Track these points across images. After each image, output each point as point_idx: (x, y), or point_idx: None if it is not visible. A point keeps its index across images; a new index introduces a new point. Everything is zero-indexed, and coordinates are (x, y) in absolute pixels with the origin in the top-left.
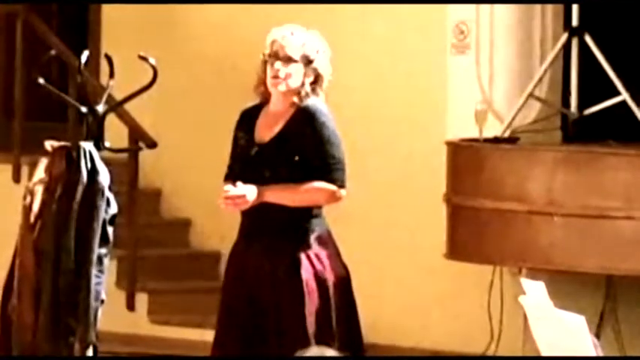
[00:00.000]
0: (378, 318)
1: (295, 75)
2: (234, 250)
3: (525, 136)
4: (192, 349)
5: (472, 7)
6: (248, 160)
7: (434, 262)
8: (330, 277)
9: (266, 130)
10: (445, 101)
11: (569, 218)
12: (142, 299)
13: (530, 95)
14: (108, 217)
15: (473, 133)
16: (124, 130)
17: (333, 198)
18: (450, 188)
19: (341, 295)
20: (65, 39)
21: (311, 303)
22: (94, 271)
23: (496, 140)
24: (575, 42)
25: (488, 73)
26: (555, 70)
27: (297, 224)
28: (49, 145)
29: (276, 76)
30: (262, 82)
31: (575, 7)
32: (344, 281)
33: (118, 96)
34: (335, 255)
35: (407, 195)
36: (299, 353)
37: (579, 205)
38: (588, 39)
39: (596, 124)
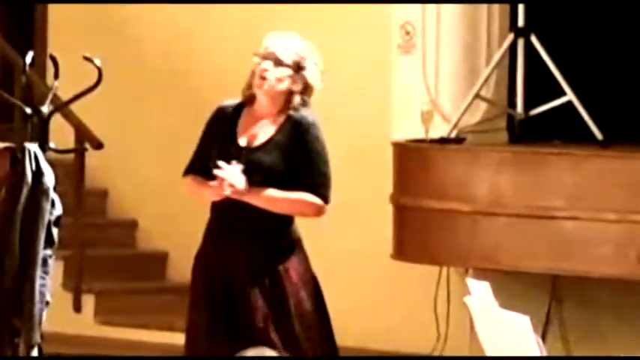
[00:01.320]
0: None
1: (283, 79)
2: (203, 253)
3: (472, 136)
4: (139, 349)
5: (418, 7)
6: (230, 162)
7: (380, 262)
8: (301, 283)
9: (252, 132)
10: (391, 101)
11: (514, 218)
12: (88, 300)
13: (477, 96)
14: (53, 218)
15: (419, 133)
16: (69, 131)
17: (318, 212)
18: (397, 189)
19: (315, 300)
20: (10, 39)
21: (282, 307)
22: (38, 272)
23: (442, 141)
24: (521, 42)
25: (434, 73)
26: (501, 71)
27: (270, 229)
28: None
29: (263, 77)
30: (249, 86)
31: (521, 8)
32: (315, 287)
33: (64, 97)
34: (305, 262)
35: (353, 196)
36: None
37: (524, 206)
38: (534, 39)
39: (542, 125)
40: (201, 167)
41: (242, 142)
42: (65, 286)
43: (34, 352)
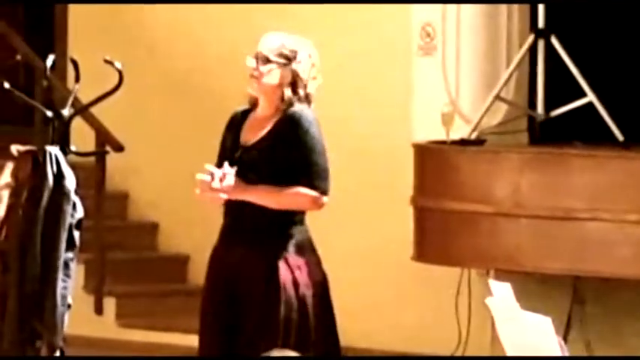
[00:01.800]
0: (345, 321)
1: (270, 74)
2: (214, 253)
3: (492, 137)
4: (160, 352)
5: (438, 8)
6: (232, 162)
7: (401, 264)
8: (307, 285)
9: (251, 133)
10: (412, 103)
11: (535, 220)
12: (109, 303)
13: (497, 97)
14: (74, 221)
15: (439, 135)
16: (90, 134)
17: (315, 204)
18: (417, 190)
19: (318, 303)
20: (31, 43)
21: (287, 309)
22: (60, 275)
23: (463, 142)
24: (541, 44)
25: (455, 74)
26: (522, 72)
27: (277, 230)
28: (15, 149)
29: (251, 76)
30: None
31: (541, 9)
32: (321, 289)
33: (85, 100)
34: (314, 263)
35: (374, 197)
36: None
37: (546, 207)
38: (554, 41)
39: (563, 126)
40: None
41: (242, 141)
42: (87, 288)
43: (56, 355)
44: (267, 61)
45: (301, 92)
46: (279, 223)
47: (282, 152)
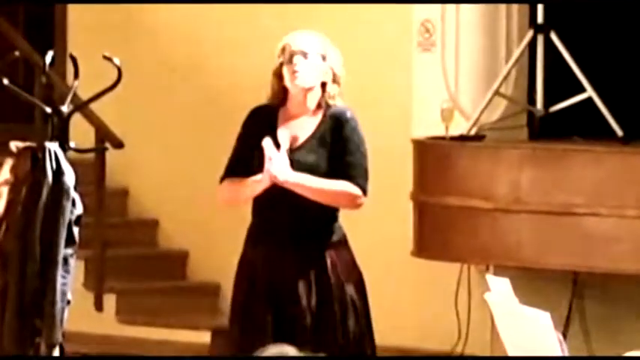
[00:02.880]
0: None
1: (314, 69)
2: (245, 256)
3: (491, 133)
4: (160, 349)
5: (437, 5)
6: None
7: (401, 260)
8: (349, 278)
9: (292, 134)
10: (411, 99)
11: (535, 215)
12: (109, 299)
13: (496, 93)
14: (74, 218)
15: (439, 130)
16: (90, 131)
17: (355, 203)
18: (417, 186)
19: (360, 296)
20: (31, 39)
21: (340, 307)
22: (59, 271)
23: (462, 138)
24: (540, 39)
25: (454, 70)
26: (521, 68)
27: (319, 227)
28: (14, 145)
29: (295, 71)
30: (276, 94)
31: (540, 5)
32: (362, 282)
33: (84, 96)
34: (352, 257)
35: (373, 193)
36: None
37: (545, 202)
38: (554, 36)
39: (562, 121)
40: (241, 170)
41: (284, 143)
42: (86, 285)
43: (56, 352)
44: (310, 58)
45: (337, 89)
46: (317, 220)
47: (331, 151)
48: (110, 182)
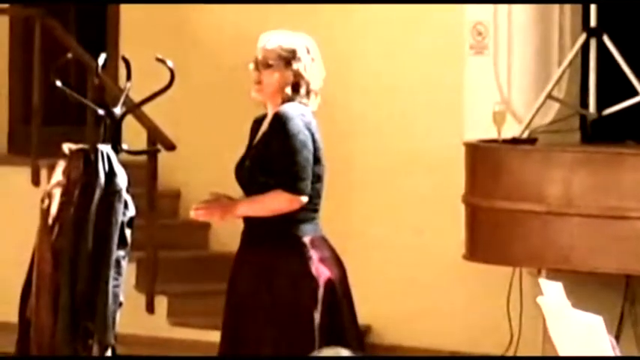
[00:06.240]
0: (396, 319)
1: (271, 78)
2: (236, 255)
3: (543, 136)
4: (211, 351)
5: (490, 7)
6: (243, 169)
7: (453, 263)
8: (323, 280)
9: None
10: (463, 102)
11: (587, 219)
12: (161, 302)
13: (549, 96)
14: (126, 220)
15: (491, 134)
16: (142, 132)
17: (290, 205)
18: (469, 189)
19: (342, 297)
20: (83, 41)
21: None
22: (112, 273)
23: (514, 141)
24: (593, 42)
25: (507, 73)
26: (573, 71)
27: (284, 230)
28: (66, 147)
29: (254, 82)
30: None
31: (593, 8)
32: (341, 283)
33: (136, 98)
34: (329, 258)
35: (425, 196)
36: (315, 353)
37: (598, 206)
38: (606, 39)
39: (615, 125)
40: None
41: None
42: (138, 287)
43: (108, 353)
44: (267, 65)
45: (303, 91)
46: (283, 223)
47: (270, 152)
48: (162, 184)
